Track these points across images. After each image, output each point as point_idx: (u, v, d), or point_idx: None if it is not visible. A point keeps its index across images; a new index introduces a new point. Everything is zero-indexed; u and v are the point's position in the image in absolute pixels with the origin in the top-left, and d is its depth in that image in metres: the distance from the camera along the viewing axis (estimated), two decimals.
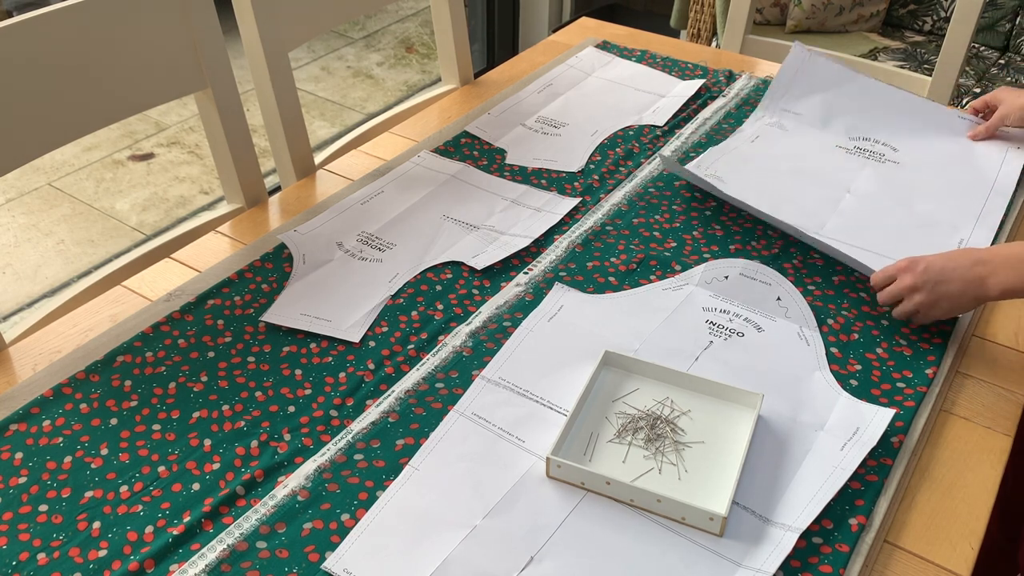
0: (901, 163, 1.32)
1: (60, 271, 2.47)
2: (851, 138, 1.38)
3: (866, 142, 1.37)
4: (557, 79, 1.57)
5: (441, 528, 0.80)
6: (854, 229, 1.19)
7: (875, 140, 1.37)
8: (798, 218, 1.19)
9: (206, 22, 1.19)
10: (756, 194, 1.23)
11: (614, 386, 0.95)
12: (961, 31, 1.66)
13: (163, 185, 2.83)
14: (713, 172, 1.29)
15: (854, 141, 1.37)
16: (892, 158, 1.33)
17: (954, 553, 0.80)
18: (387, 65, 3.59)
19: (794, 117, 1.42)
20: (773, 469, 0.86)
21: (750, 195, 1.22)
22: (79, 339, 1.03)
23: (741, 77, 1.57)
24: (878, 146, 1.36)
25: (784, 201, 1.23)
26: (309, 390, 0.96)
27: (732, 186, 1.25)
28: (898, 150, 1.35)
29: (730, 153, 1.34)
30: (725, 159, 1.33)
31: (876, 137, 1.37)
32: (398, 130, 1.45)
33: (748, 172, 1.30)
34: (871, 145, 1.36)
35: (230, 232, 1.22)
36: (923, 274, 0.98)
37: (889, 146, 1.36)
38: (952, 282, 0.96)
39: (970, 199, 1.24)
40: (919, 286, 0.98)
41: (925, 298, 0.98)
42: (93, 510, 0.83)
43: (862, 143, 1.36)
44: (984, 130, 1.35)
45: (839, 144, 1.37)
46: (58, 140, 1.10)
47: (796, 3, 2.63)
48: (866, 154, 1.34)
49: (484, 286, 1.10)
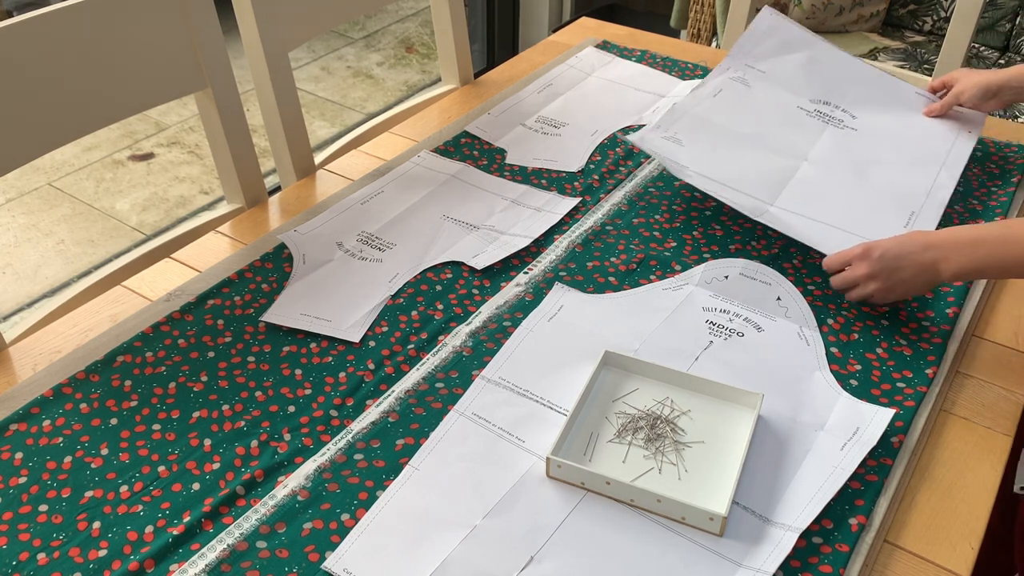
0: (859, 131, 1.34)
1: (60, 271, 2.47)
2: (812, 100, 1.39)
3: (826, 106, 1.38)
4: (557, 79, 1.57)
5: (441, 528, 0.80)
6: (809, 199, 1.20)
7: (835, 105, 1.38)
8: (755, 188, 1.20)
9: (206, 22, 1.19)
10: (713, 163, 1.24)
11: (614, 386, 0.95)
12: (961, 31, 1.66)
13: (163, 185, 2.83)
14: (673, 134, 1.29)
15: (815, 104, 1.39)
16: (851, 124, 1.35)
17: (954, 553, 0.80)
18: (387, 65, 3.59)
19: (758, 74, 1.43)
20: (773, 469, 0.86)
21: (707, 165, 1.23)
22: (79, 339, 1.03)
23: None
24: (838, 111, 1.37)
25: (741, 170, 1.24)
26: (309, 390, 0.96)
27: (690, 152, 1.25)
28: (856, 117, 1.37)
29: (691, 112, 1.35)
30: (686, 119, 1.33)
31: (836, 103, 1.39)
32: (398, 130, 1.45)
33: (708, 135, 1.30)
34: (831, 110, 1.38)
35: (230, 232, 1.22)
36: (878, 261, 1.00)
37: (848, 113, 1.37)
38: (906, 268, 0.99)
39: (921, 174, 1.26)
40: (875, 274, 1.00)
41: (881, 285, 1.01)
42: (93, 510, 0.83)
43: (823, 107, 1.38)
44: (939, 107, 1.36)
45: (800, 106, 1.38)
46: (58, 140, 1.10)
47: (796, 3, 2.63)
48: (826, 118, 1.36)
49: (484, 286, 1.10)
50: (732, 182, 1.20)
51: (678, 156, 1.24)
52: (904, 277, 0.99)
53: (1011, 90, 1.29)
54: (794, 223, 1.14)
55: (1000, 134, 1.42)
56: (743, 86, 1.40)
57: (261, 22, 1.25)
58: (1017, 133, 1.43)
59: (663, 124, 1.31)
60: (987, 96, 1.31)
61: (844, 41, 2.64)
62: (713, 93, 1.38)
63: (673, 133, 1.29)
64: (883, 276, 1.00)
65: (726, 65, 1.43)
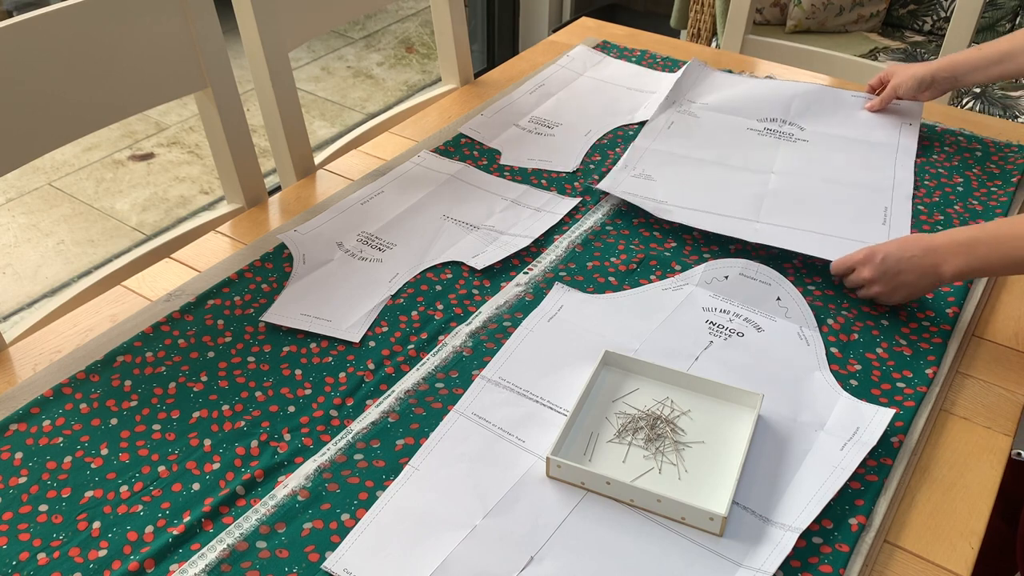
0: (811, 141, 1.38)
1: (60, 271, 2.47)
2: (759, 120, 1.43)
3: (773, 123, 1.42)
4: (549, 79, 1.57)
5: (441, 528, 0.80)
6: (789, 207, 1.23)
7: (782, 120, 1.43)
8: (736, 208, 1.23)
9: (206, 22, 1.19)
10: (688, 193, 1.26)
11: (614, 386, 0.95)
12: (961, 31, 1.66)
13: (163, 185, 2.83)
14: (641, 171, 1.31)
15: (763, 123, 1.42)
16: (801, 136, 1.39)
17: (954, 553, 0.80)
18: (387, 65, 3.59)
19: (701, 107, 1.47)
20: (773, 469, 0.86)
21: (683, 196, 1.25)
22: (79, 339, 1.03)
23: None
24: (786, 126, 1.41)
25: (717, 194, 1.26)
26: (309, 390, 0.96)
27: (664, 187, 1.28)
28: (805, 128, 1.41)
29: (651, 148, 1.37)
30: (648, 155, 1.36)
31: (783, 118, 1.43)
32: (398, 130, 1.45)
33: (674, 167, 1.33)
34: (779, 126, 1.42)
35: (230, 232, 1.22)
36: (881, 265, 1.03)
37: (796, 125, 1.41)
38: (908, 272, 1.02)
39: (880, 173, 1.30)
40: (877, 278, 1.04)
41: (883, 288, 1.04)
42: (93, 510, 0.83)
43: (770, 123, 1.42)
44: (879, 102, 1.43)
45: (750, 127, 1.42)
46: (58, 140, 1.10)
47: (796, 3, 2.63)
48: (776, 135, 1.40)
49: (484, 286, 1.10)
50: (713, 207, 1.23)
51: (654, 192, 1.26)
52: (906, 280, 1.02)
53: (943, 79, 1.35)
54: (786, 236, 1.16)
55: (1000, 134, 1.42)
56: (692, 117, 1.45)
57: (261, 22, 1.25)
58: (1017, 133, 1.43)
59: (628, 164, 1.34)
60: (922, 87, 1.37)
61: (844, 41, 2.64)
62: (666, 126, 1.42)
63: (641, 170, 1.32)
64: (885, 280, 1.03)
65: (670, 100, 1.48)
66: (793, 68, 1.65)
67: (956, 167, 1.34)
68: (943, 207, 1.25)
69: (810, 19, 2.65)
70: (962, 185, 1.29)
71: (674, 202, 1.24)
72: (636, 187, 1.27)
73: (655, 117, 1.44)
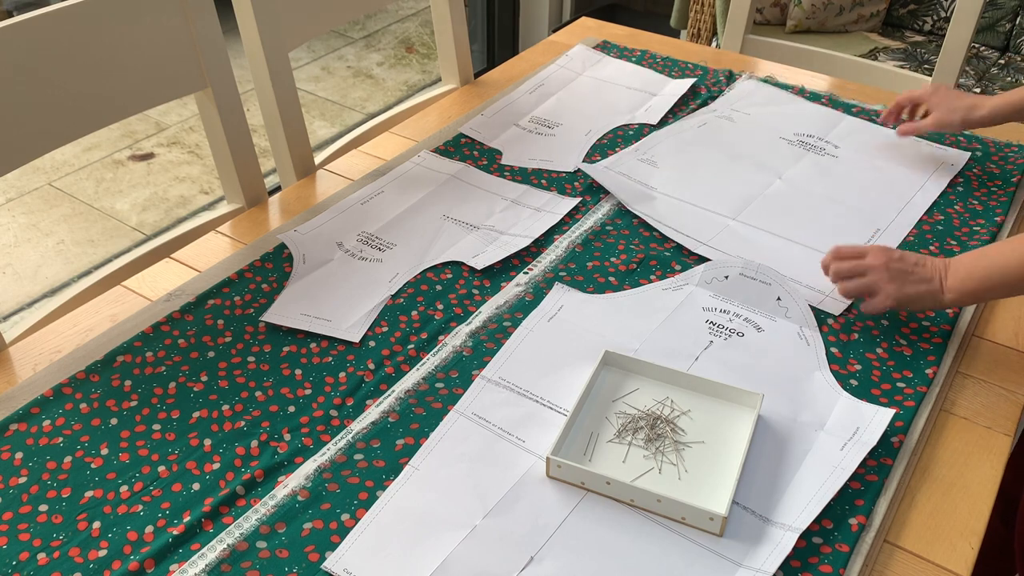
0: (839, 159, 1.36)
1: (60, 271, 2.47)
2: (796, 134, 1.42)
3: (810, 138, 1.41)
4: (549, 79, 1.57)
5: (441, 528, 0.80)
6: (775, 214, 1.23)
7: (819, 137, 1.41)
8: (718, 204, 1.23)
9: (206, 22, 1.19)
10: (683, 184, 1.27)
11: (614, 386, 0.95)
12: (961, 31, 1.66)
13: (163, 185, 2.83)
14: (649, 157, 1.33)
15: (799, 136, 1.42)
16: (832, 153, 1.38)
17: (954, 553, 0.80)
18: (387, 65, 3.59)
19: (744, 115, 1.47)
20: (773, 469, 0.86)
21: (676, 186, 1.27)
22: (79, 339, 1.03)
23: (740, 77, 1.57)
24: (820, 142, 1.40)
25: (711, 189, 1.27)
26: (309, 390, 0.96)
27: (663, 174, 1.29)
28: (839, 147, 1.39)
29: (673, 138, 1.38)
30: (667, 143, 1.37)
31: (820, 135, 1.42)
32: (398, 130, 1.45)
33: (684, 158, 1.34)
34: (814, 141, 1.41)
35: (230, 232, 1.22)
36: (894, 257, 0.99)
37: (831, 143, 1.40)
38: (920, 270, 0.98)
39: (896, 197, 1.27)
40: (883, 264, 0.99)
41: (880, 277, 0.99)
42: (93, 510, 0.83)
43: (806, 138, 1.41)
44: (913, 128, 1.34)
45: (782, 136, 1.41)
46: (58, 140, 1.10)
47: (796, 3, 2.63)
48: (807, 147, 1.39)
49: (484, 286, 1.10)
50: (697, 200, 1.24)
51: (649, 178, 1.27)
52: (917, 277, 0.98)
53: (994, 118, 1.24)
54: (752, 237, 1.17)
55: (1000, 134, 1.42)
56: (728, 122, 1.44)
57: (261, 22, 1.25)
58: (1017, 133, 1.43)
59: (641, 148, 1.34)
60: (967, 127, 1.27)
61: (844, 41, 2.64)
62: (698, 125, 1.43)
63: (650, 156, 1.33)
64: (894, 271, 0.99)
65: (713, 107, 1.48)
66: (793, 68, 1.65)
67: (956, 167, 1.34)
68: (943, 207, 1.25)
69: (810, 19, 2.65)
70: (962, 185, 1.29)
71: (663, 190, 1.26)
72: (634, 169, 1.29)
73: (694, 114, 1.44)
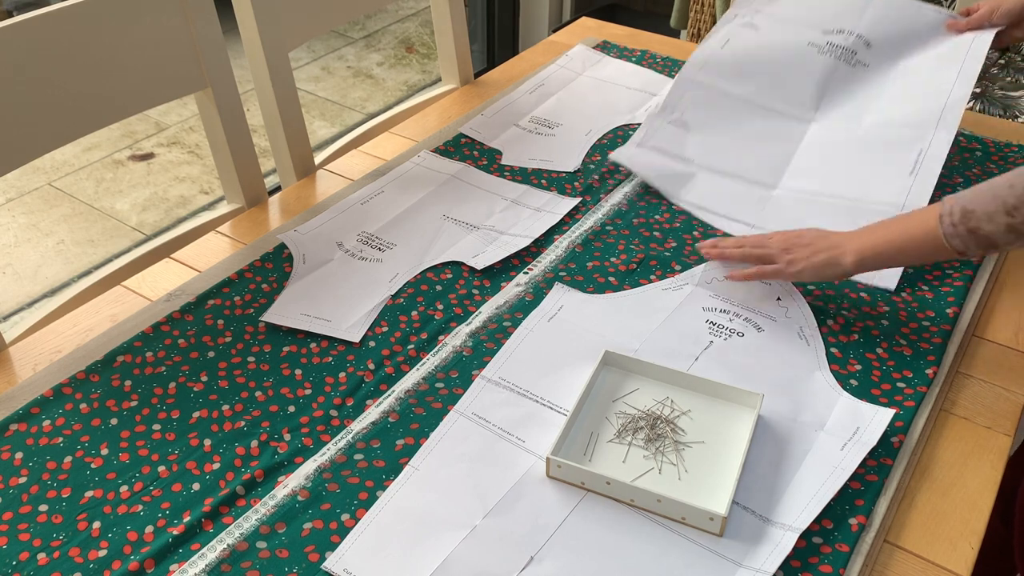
0: (870, 66, 1.30)
1: (60, 271, 2.47)
2: (824, 31, 1.33)
3: (839, 35, 1.32)
4: (549, 79, 1.57)
5: (441, 528, 0.80)
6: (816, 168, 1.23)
7: (849, 32, 1.32)
8: (758, 172, 1.24)
9: (206, 22, 1.19)
10: (719, 148, 1.27)
11: (614, 386, 0.95)
12: None
13: (163, 185, 2.83)
14: (679, 116, 1.32)
15: (828, 35, 1.33)
16: (862, 60, 1.30)
17: (954, 553, 0.80)
18: (387, 65, 3.59)
19: (767, 16, 1.39)
20: (773, 469, 0.86)
21: (712, 152, 1.27)
22: (79, 339, 1.03)
23: None
24: (851, 39, 1.31)
25: (746, 144, 1.28)
26: (309, 390, 0.96)
27: (696, 137, 1.28)
28: (871, 46, 1.31)
29: (695, 79, 1.35)
30: (691, 94, 1.34)
31: (851, 28, 1.32)
32: (398, 130, 1.45)
33: (713, 110, 1.32)
34: (844, 39, 1.31)
35: (230, 232, 1.22)
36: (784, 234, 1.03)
37: (863, 39, 1.31)
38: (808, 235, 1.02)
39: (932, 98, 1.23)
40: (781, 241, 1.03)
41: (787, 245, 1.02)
42: (93, 510, 0.83)
43: (835, 36, 1.32)
44: (965, 24, 1.26)
45: (812, 41, 1.33)
46: (58, 140, 1.10)
47: None
48: (838, 51, 1.30)
49: (484, 286, 1.10)
50: (736, 168, 1.24)
51: (683, 148, 1.26)
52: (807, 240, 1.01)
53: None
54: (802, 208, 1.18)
55: (1000, 134, 1.42)
56: (752, 31, 1.37)
57: (261, 22, 1.25)
58: (1017, 133, 1.43)
59: (668, 105, 1.32)
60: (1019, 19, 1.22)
61: None
62: (721, 44, 1.37)
63: (680, 115, 1.31)
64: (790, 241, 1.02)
65: (733, 13, 1.41)
66: None
67: (956, 167, 1.33)
68: None
69: None
70: (962, 185, 1.29)
71: (700, 161, 1.26)
72: (667, 140, 1.29)
73: (716, 29, 1.38)
